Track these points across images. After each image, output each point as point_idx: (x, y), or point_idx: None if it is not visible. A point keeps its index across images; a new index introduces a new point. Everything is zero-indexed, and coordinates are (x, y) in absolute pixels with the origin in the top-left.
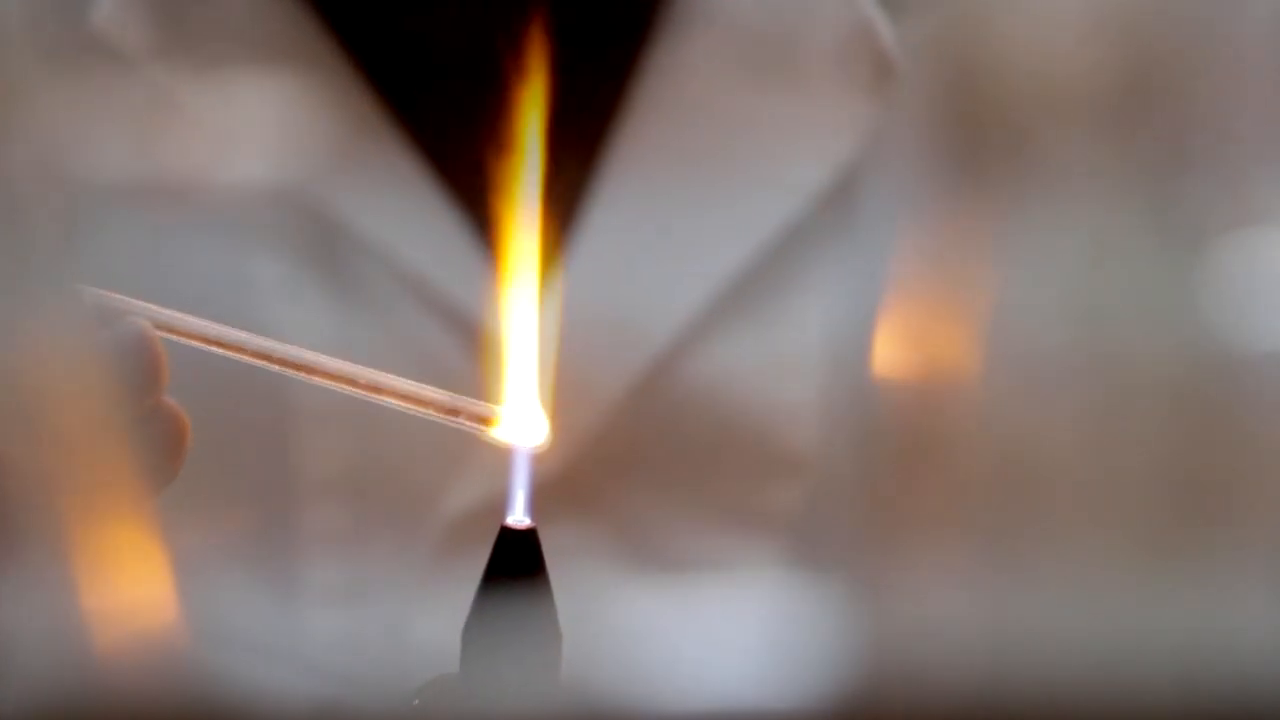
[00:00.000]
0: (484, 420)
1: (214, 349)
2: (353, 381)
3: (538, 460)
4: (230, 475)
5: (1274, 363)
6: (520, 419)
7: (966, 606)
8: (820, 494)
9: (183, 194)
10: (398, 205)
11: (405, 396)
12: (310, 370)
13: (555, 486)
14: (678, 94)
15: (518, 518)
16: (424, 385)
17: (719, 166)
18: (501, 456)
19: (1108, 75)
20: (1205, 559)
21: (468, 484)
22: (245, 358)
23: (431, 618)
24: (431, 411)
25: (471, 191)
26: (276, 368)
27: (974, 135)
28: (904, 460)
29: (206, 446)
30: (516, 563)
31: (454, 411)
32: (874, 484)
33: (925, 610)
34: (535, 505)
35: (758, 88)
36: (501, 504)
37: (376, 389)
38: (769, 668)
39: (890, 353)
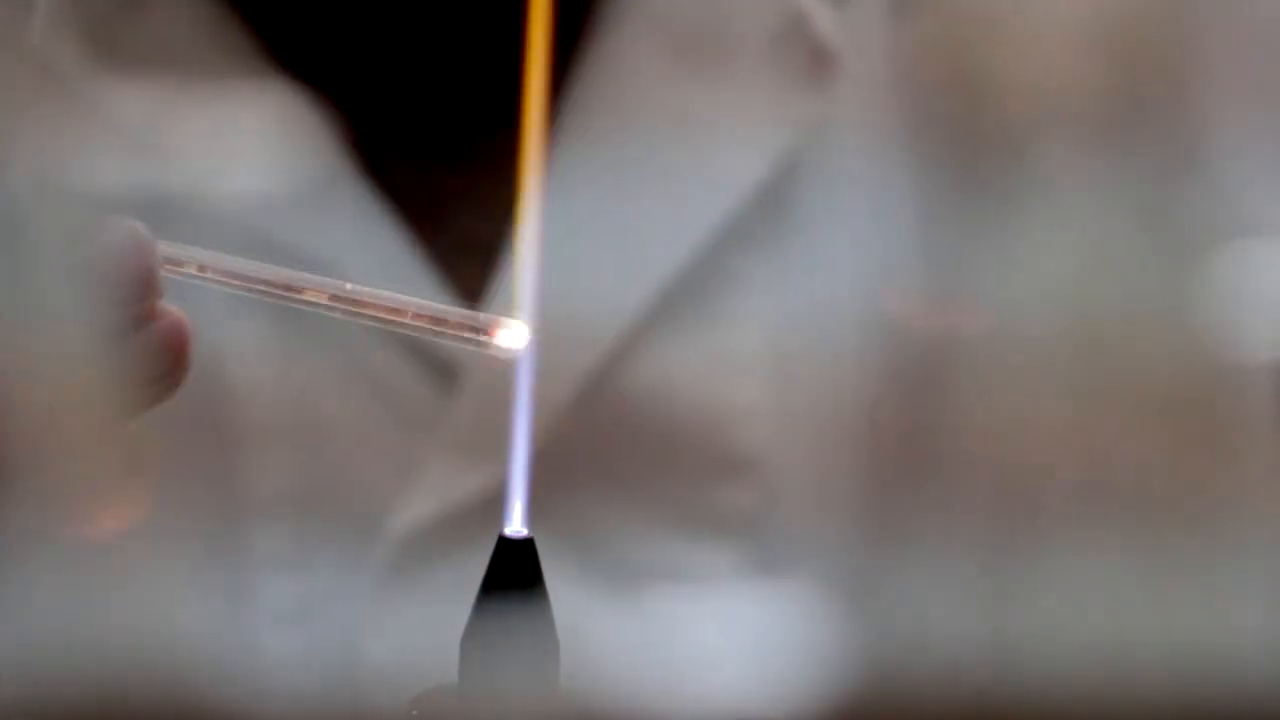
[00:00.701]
0: (480, 330)
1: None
2: (338, 298)
3: (482, 474)
4: (176, 495)
5: (1268, 371)
6: (512, 328)
7: (959, 612)
8: (776, 495)
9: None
10: (348, 229)
11: (393, 311)
12: (301, 292)
13: (504, 495)
14: (612, 93)
15: (515, 528)
16: (420, 301)
17: (656, 165)
18: (449, 472)
19: (1103, 84)
20: (1201, 564)
21: (414, 501)
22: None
23: (383, 636)
24: (423, 325)
25: (424, 213)
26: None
27: (970, 144)
28: (899, 468)
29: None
30: (514, 573)
31: (443, 322)
32: (859, 489)
33: (917, 616)
34: (485, 517)
35: (691, 82)
36: (449, 521)
37: (359, 304)
38: (758, 677)
39: (882, 358)
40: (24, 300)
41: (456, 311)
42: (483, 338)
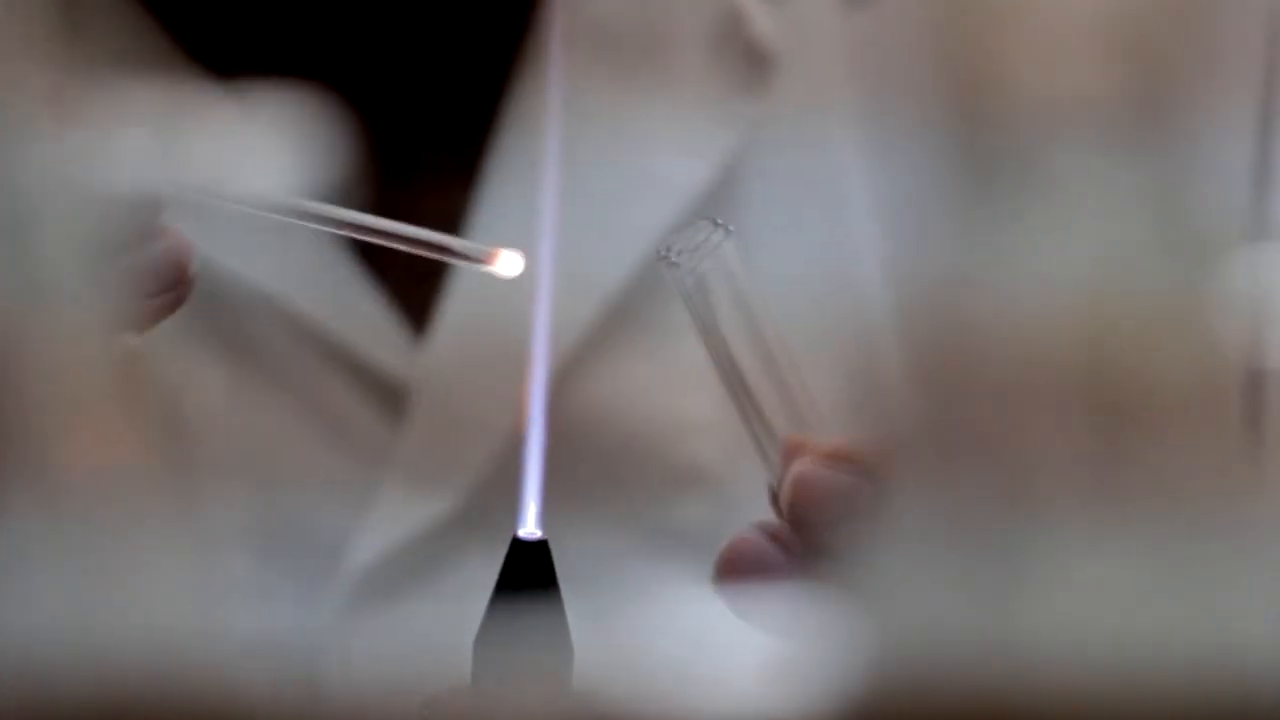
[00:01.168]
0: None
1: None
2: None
3: (437, 500)
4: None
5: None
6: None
7: (965, 617)
8: (731, 507)
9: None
10: (296, 249)
11: (406, 239)
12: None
13: (459, 519)
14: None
15: (529, 529)
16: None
17: (596, 174)
18: (403, 501)
19: (1115, 86)
20: (1213, 571)
21: (371, 531)
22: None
23: (345, 667)
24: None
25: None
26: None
27: (980, 147)
28: (904, 471)
29: None
30: (528, 575)
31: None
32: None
33: (920, 618)
34: (442, 544)
35: (629, 89)
36: (406, 549)
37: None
38: (764, 680)
39: (887, 362)
40: (22, 222)
41: (458, 241)
42: (483, 264)
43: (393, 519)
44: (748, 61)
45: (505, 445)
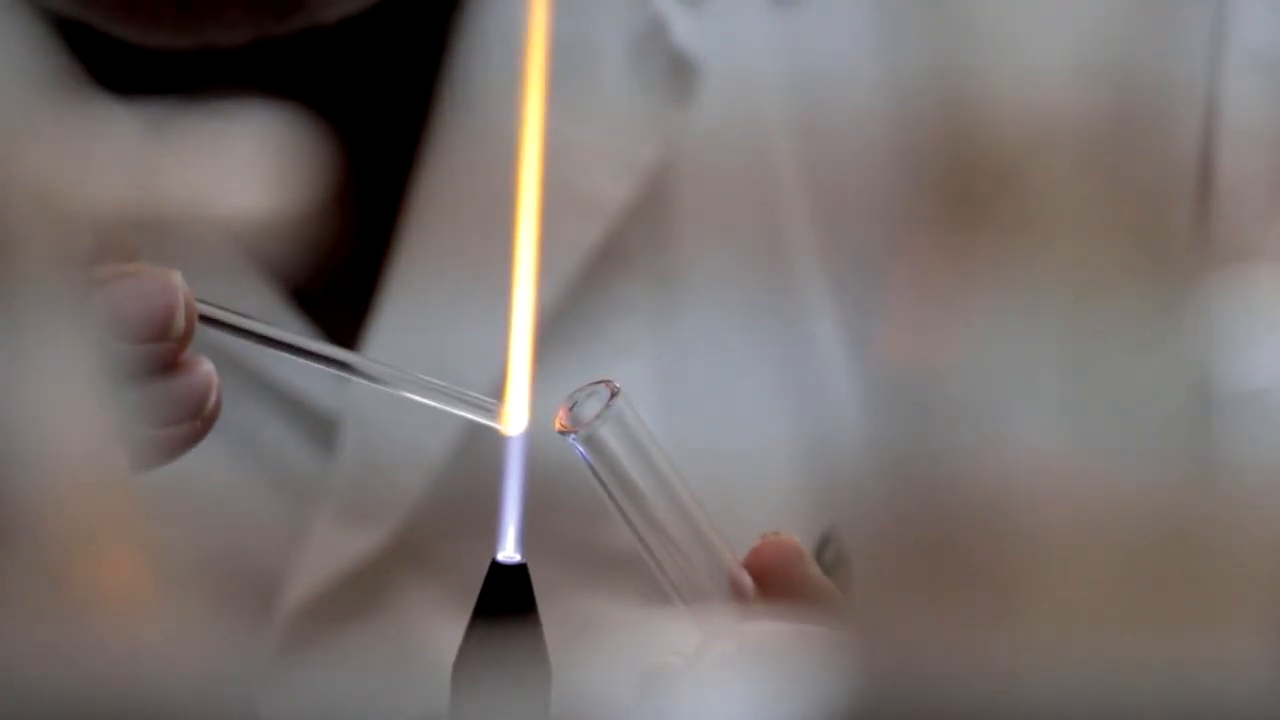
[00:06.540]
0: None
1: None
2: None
3: (371, 533)
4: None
5: (1262, 399)
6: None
7: (950, 651)
8: None
9: None
10: (216, 291)
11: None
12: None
13: (394, 552)
14: (471, 117)
15: (508, 553)
16: (431, 380)
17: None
18: (335, 538)
19: (1096, 113)
20: (1196, 600)
21: (305, 569)
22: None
23: (281, 707)
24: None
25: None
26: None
27: (961, 173)
28: (883, 508)
29: None
30: (506, 599)
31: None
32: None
33: (903, 656)
34: (376, 581)
35: (552, 102)
36: (340, 587)
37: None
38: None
39: (871, 390)
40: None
41: (469, 394)
42: (487, 419)
43: (327, 554)
44: (670, 72)
45: (438, 476)
